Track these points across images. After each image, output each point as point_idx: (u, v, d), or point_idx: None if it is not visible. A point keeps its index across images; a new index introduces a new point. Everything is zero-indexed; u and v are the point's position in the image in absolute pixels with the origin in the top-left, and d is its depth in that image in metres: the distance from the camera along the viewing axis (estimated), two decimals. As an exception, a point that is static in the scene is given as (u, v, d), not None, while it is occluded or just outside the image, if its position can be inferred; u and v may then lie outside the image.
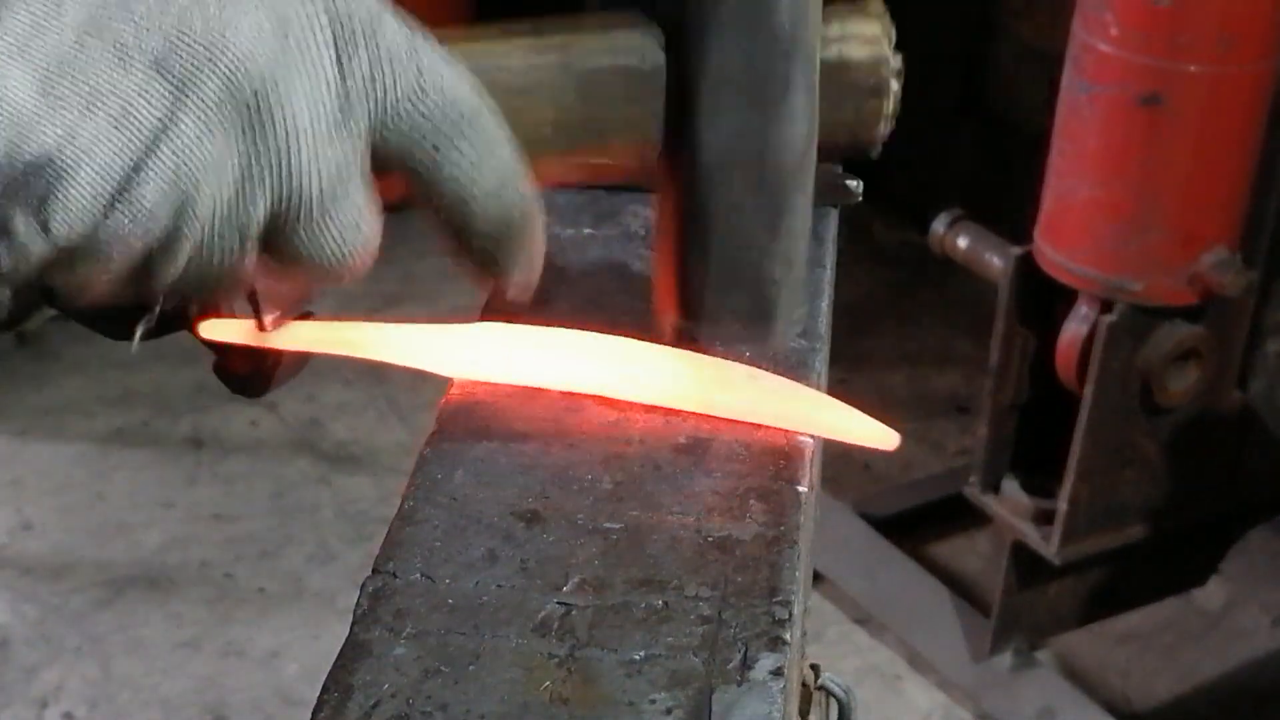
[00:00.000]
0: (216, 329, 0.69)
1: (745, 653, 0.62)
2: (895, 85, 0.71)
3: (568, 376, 0.75)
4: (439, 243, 0.62)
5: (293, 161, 0.55)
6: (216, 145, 0.53)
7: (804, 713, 0.90)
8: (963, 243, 2.51)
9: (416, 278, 3.41)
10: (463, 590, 0.65)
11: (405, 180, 0.59)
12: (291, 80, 0.54)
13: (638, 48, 0.66)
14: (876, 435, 0.74)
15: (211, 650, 2.65)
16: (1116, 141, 2.20)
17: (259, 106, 0.54)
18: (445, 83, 0.58)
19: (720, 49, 0.65)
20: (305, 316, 0.71)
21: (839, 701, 0.95)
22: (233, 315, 0.69)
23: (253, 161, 0.54)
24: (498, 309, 0.78)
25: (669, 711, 0.59)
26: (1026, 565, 2.50)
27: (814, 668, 0.93)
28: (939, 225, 2.54)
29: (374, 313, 0.73)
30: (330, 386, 3.27)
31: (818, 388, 0.81)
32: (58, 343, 3.45)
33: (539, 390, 0.78)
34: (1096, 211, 2.25)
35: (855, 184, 0.99)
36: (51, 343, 3.45)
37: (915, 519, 2.98)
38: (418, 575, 0.66)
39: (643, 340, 0.75)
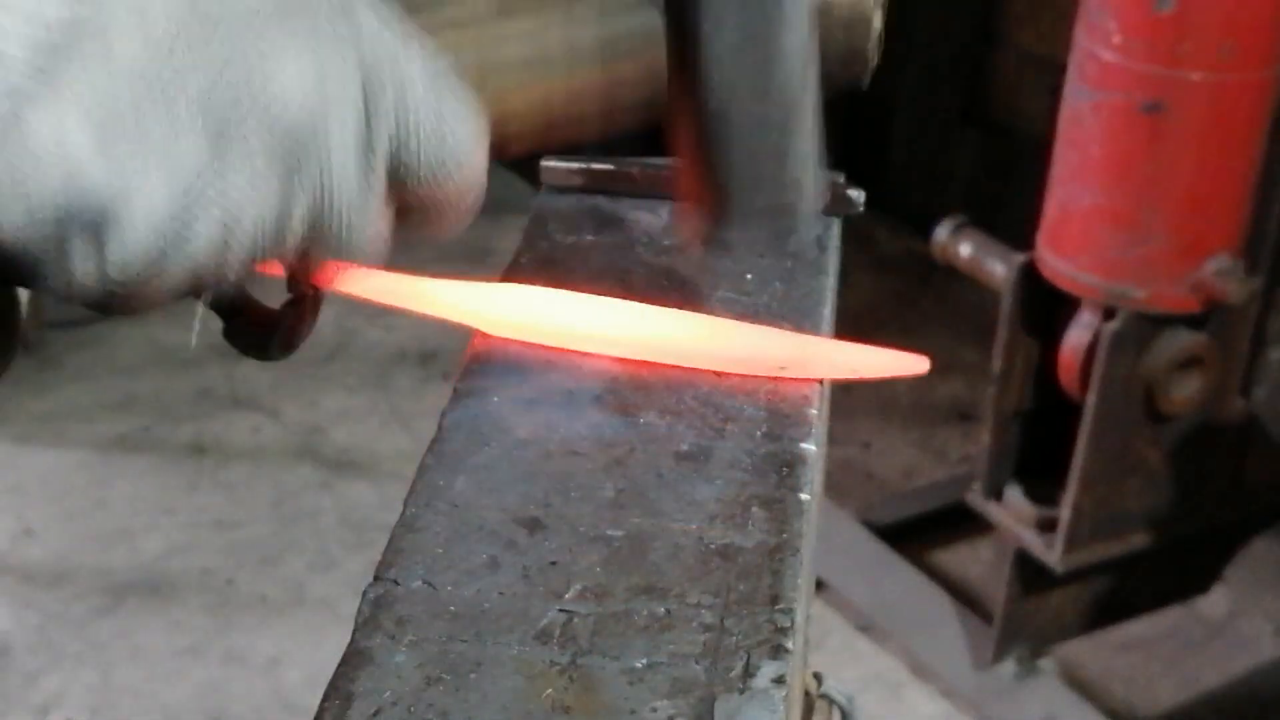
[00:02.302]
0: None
1: (747, 660, 0.62)
2: (877, 20, 0.77)
3: (587, 334, 0.81)
4: None
5: (324, 197, 0.60)
6: (260, 189, 0.58)
7: (806, 721, 0.90)
8: (965, 250, 2.51)
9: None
10: (464, 597, 0.65)
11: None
12: (328, 127, 0.59)
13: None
14: (903, 364, 0.83)
15: (212, 657, 2.65)
16: (1119, 149, 2.20)
17: (297, 151, 0.58)
18: (462, 145, 0.64)
19: None
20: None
21: (841, 709, 0.95)
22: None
23: (290, 197, 0.59)
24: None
25: (671, 719, 0.59)
26: (1029, 573, 2.50)
27: (816, 676, 0.93)
28: (942, 233, 2.54)
29: (376, 317, 0.74)
30: (332, 393, 3.27)
31: (821, 395, 0.81)
32: (59, 349, 3.45)
33: (541, 395, 0.78)
34: (1099, 219, 2.25)
35: (857, 194, 1.00)
36: (53, 349, 3.45)
37: (918, 526, 2.98)
38: (419, 582, 0.66)
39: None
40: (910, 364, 0.83)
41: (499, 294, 0.83)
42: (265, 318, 0.71)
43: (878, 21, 0.77)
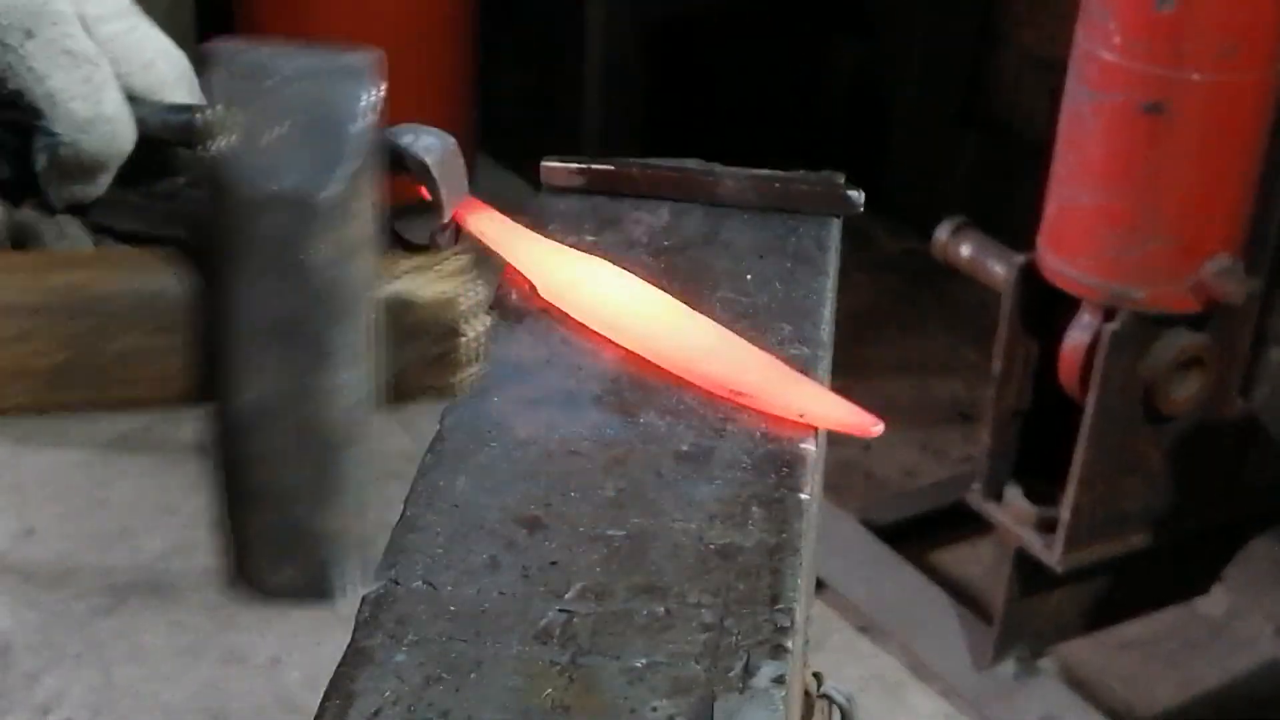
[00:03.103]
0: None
1: (747, 660, 0.62)
2: (471, 328, 0.64)
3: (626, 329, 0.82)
4: None
5: None
6: None
7: (806, 720, 0.90)
8: (965, 250, 2.51)
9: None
10: (464, 597, 0.65)
11: None
12: None
13: (158, 276, 0.61)
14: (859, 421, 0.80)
15: (213, 657, 2.65)
16: (1119, 149, 2.20)
17: None
18: None
19: (249, 290, 0.60)
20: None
21: (841, 709, 0.95)
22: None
23: None
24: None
25: (671, 719, 0.59)
26: (1029, 573, 2.50)
27: (816, 676, 0.93)
28: (942, 233, 2.54)
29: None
30: (333, 393, 3.27)
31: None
32: (60, 349, 3.45)
33: (541, 395, 0.78)
34: (1099, 219, 2.25)
35: (857, 194, 1.00)
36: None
37: (918, 526, 2.98)
38: (420, 582, 0.66)
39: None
40: (865, 422, 0.78)
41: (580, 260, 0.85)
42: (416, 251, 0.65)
43: (473, 330, 0.63)
